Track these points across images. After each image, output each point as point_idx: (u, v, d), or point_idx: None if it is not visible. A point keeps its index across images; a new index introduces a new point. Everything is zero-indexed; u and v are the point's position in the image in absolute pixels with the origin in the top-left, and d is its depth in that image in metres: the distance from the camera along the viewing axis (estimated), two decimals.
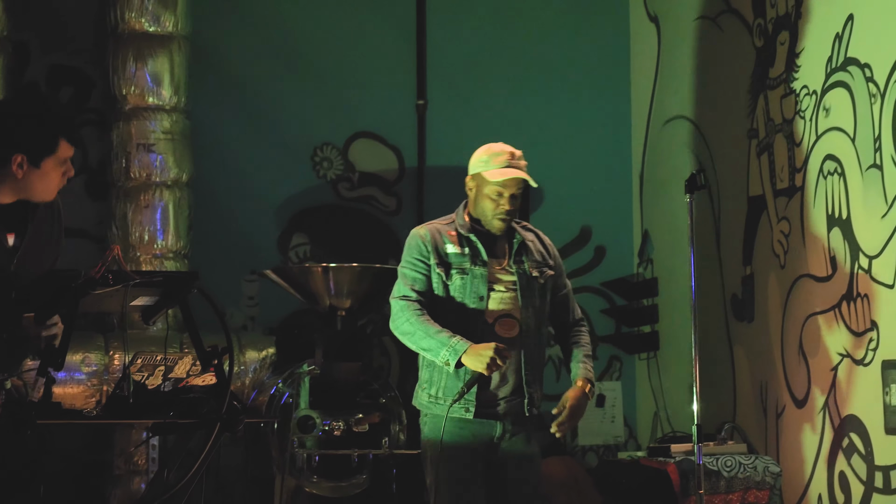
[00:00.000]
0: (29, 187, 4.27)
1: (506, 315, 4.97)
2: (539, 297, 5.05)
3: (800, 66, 6.54)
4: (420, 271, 4.99)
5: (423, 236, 5.03)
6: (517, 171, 4.99)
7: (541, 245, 5.17)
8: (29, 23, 7.45)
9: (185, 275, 4.49)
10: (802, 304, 6.48)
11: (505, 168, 4.98)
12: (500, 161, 4.99)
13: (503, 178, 4.96)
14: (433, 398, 4.99)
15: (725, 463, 6.44)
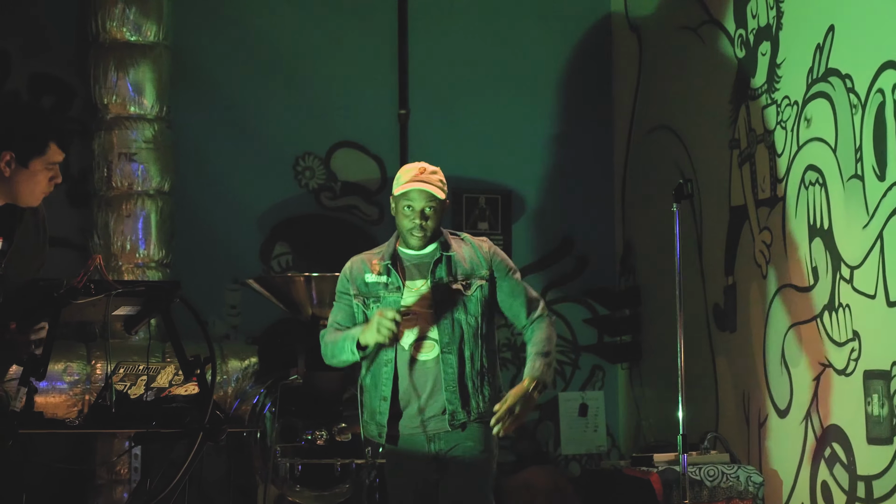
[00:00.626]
0: (15, 188, 4.30)
1: (422, 337, 4.96)
2: (466, 308, 4.99)
3: (781, 76, 6.56)
4: (343, 303, 5.09)
5: (347, 269, 5.12)
6: (420, 183, 4.96)
7: (473, 252, 5.08)
8: (10, 31, 7.42)
9: (168, 284, 4.48)
10: (784, 314, 6.49)
11: (410, 182, 4.97)
12: (408, 176, 4.99)
13: (403, 191, 4.97)
14: (365, 423, 5.05)
15: (708, 472, 6.44)
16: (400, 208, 5.00)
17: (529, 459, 7.93)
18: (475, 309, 5.00)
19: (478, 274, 5.03)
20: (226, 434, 4.31)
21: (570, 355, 8.21)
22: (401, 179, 5.00)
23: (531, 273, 8.06)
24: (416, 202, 4.95)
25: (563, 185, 8.24)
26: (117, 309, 4.37)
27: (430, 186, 4.96)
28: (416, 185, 4.95)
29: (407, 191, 4.95)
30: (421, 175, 4.98)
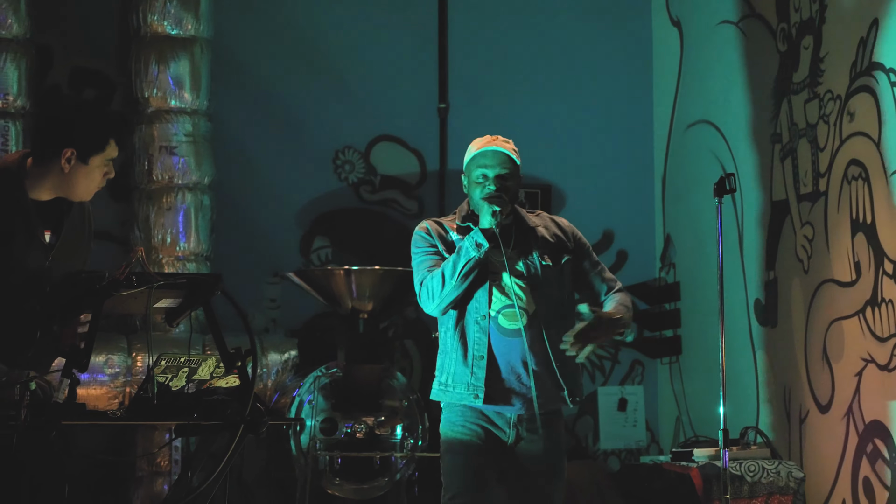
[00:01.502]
0: (72, 183, 4.37)
1: (509, 305, 4.74)
2: (553, 285, 4.80)
3: (824, 70, 6.53)
4: (432, 255, 4.84)
5: (425, 228, 4.90)
6: (495, 143, 4.80)
7: (556, 228, 4.94)
8: (51, 26, 7.47)
9: (209, 277, 4.49)
10: (826, 309, 6.46)
11: (483, 144, 4.81)
12: (482, 143, 4.81)
13: (476, 152, 4.78)
14: (442, 385, 4.82)
15: (749, 468, 6.43)
16: (474, 177, 4.78)
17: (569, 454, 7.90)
18: (564, 285, 4.85)
19: (565, 250, 4.88)
20: (266, 427, 4.32)
21: (610, 350, 8.20)
22: (472, 150, 4.83)
23: None
24: (492, 167, 4.75)
25: (604, 179, 8.23)
26: (159, 301, 4.39)
27: (506, 147, 4.80)
28: (491, 145, 4.79)
29: (481, 151, 4.78)
30: (494, 141, 4.81)
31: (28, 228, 4.34)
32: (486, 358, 4.72)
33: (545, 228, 4.91)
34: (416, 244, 4.88)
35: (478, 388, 4.72)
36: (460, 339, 4.77)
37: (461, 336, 4.77)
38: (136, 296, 4.22)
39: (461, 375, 4.75)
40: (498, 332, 4.74)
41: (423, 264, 4.83)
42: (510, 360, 4.74)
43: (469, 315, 4.76)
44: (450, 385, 4.78)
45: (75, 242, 4.50)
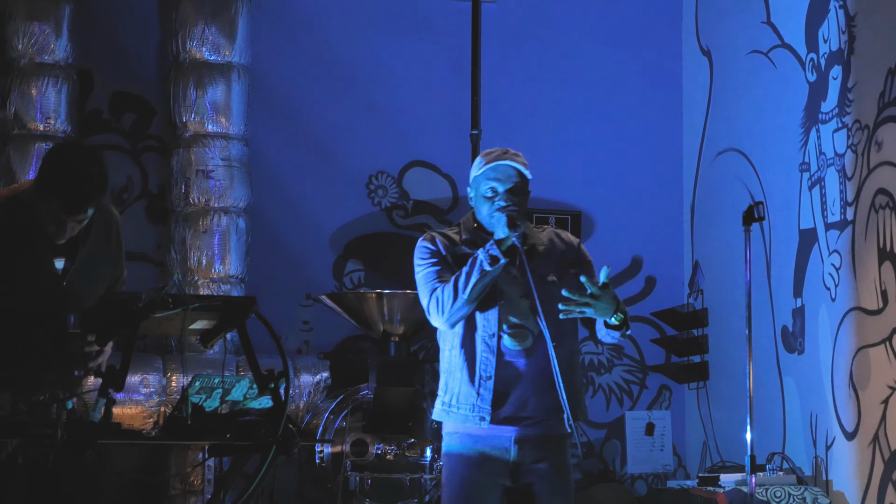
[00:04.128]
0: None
1: (517, 325, 4.59)
2: (559, 302, 4.53)
3: (852, 100, 6.55)
4: (440, 264, 4.66)
5: (431, 239, 4.73)
6: (506, 158, 4.64)
7: (561, 243, 4.77)
8: (93, 51, 7.58)
9: (244, 299, 4.56)
10: (853, 337, 6.47)
11: (494, 159, 4.63)
12: (491, 157, 4.64)
13: (488, 166, 4.60)
14: (446, 406, 4.66)
15: (775, 493, 6.43)
16: (482, 191, 4.63)
17: (596, 478, 7.93)
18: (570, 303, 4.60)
19: (571, 266, 4.70)
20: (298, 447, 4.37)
21: (638, 374, 8.23)
22: (481, 163, 4.66)
23: None
24: (501, 182, 4.60)
25: (633, 205, 8.26)
26: (194, 323, 4.45)
27: (517, 160, 4.65)
28: (502, 160, 4.63)
29: (492, 166, 4.61)
30: (505, 156, 4.65)
31: (36, 255, 4.34)
32: (494, 379, 4.57)
33: (551, 244, 4.75)
34: (422, 255, 4.70)
35: (484, 410, 4.56)
36: (466, 359, 4.61)
37: (467, 355, 4.62)
38: (172, 317, 4.28)
39: (466, 396, 4.60)
40: (506, 353, 4.58)
41: (429, 276, 4.65)
42: (517, 381, 4.58)
43: (477, 333, 4.60)
44: (454, 406, 4.63)
45: (98, 262, 4.49)
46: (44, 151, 7.07)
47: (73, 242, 4.41)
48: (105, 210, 4.52)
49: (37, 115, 7.18)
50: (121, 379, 4.21)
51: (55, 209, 4.25)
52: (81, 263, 4.44)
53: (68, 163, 4.26)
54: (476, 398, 4.58)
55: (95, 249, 4.49)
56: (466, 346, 4.63)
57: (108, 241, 4.57)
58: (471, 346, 4.62)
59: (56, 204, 4.24)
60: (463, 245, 4.69)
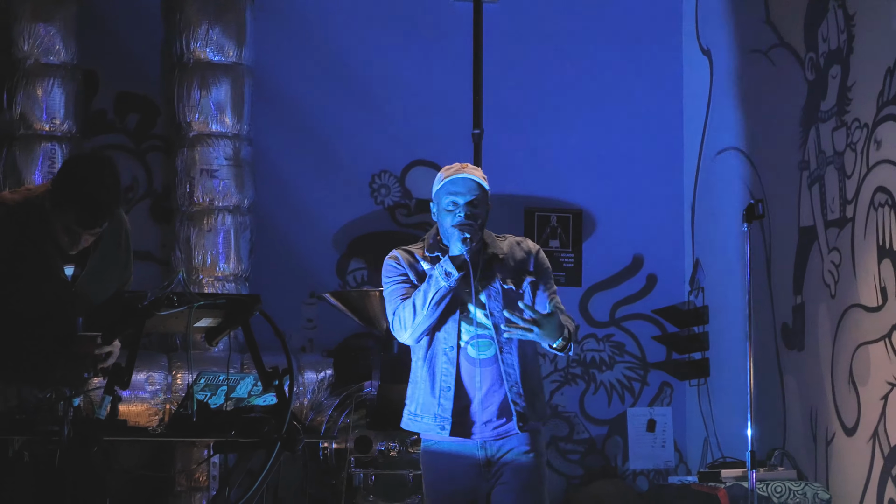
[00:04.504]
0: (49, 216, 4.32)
1: (479, 336, 4.72)
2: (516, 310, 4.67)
3: (851, 99, 6.56)
4: (403, 284, 4.80)
5: (395, 258, 4.87)
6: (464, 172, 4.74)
7: (520, 250, 4.86)
8: (98, 52, 7.60)
9: (248, 297, 4.59)
10: (853, 334, 6.48)
11: (452, 173, 4.74)
12: (450, 172, 4.75)
13: (447, 180, 4.71)
14: (412, 415, 4.81)
15: (775, 489, 6.45)
16: (444, 205, 4.72)
17: (598, 473, 7.95)
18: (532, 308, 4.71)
19: (526, 271, 4.83)
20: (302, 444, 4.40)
21: (639, 371, 8.26)
22: (442, 178, 4.76)
23: (602, 290, 8.12)
24: (461, 195, 4.69)
25: (634, 204, 8.28)
26: (199, 321, 4.47)
27: (476, 174, 4.74)
28: (461, 173, 4.72)
29: (451, 179, 4.71)
30: (464, 168, 4.76)
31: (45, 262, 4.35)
32: (454, 388, 4.70)
33: (510, 252, 4.84)
34: (387, 274, 4.86)
35: (444, 420, 4.70)
36: (429, 370, 4.76)
37: (430, 366, 4.76)
38: (177, 315, 4.31)
39: (428, 406, 4.74)
40: (466, 363, 4.72)
41: (394, 293, 4.81)
42: (477, 390, 4.71)
43: (437, 345, 4.74)
44: (418, 415, 4.78)
45: (108, 267, 4.50)
46: (49, 151, 7.14)
47: (84, 249, 4.42)
48: (115, 216, 4.51)
49: (42, 115, 7.20)
50: (126, 376, 4.24)
51: (70, 222, 4.27)
52: (91, 270, 4.45)
53: (86, 178, 4.25)
54: (437, 408, 4.72)
55: (105, 256, 4.51)
56: (429, 358, 4.77)
57: (118, 246, 4.58)
58: (433, 357, 4.76)
59: (71, 218, 4.26)
60: (424, 261, 4.80)
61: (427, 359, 4.78)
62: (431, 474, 4.80)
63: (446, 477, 4.76)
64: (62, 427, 4.05)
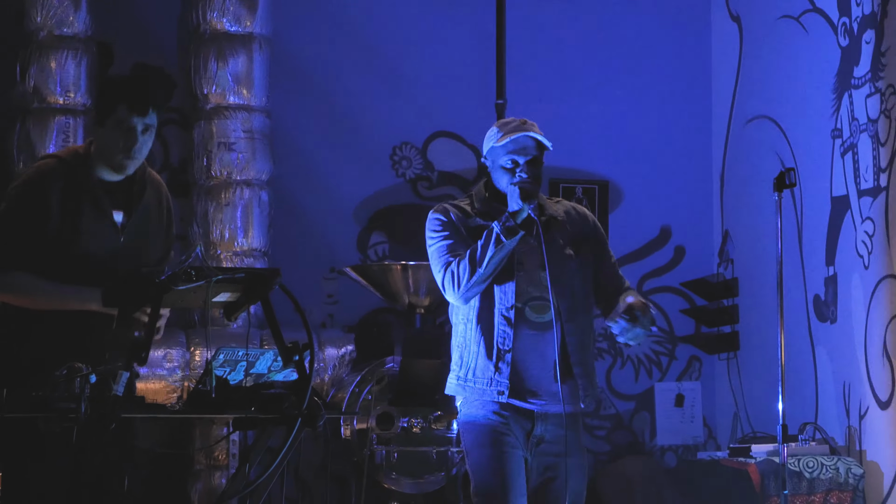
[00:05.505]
0: (99, 148, 4.47)
1: (537, 297, 4.56)
2: (576, 277, 4.61)
3: (885, 64, 6.49)
4: (453, 237, 4.61)
5: (444, 210, 4.68)
6: (526, 131, 4.58)
7: (577, 216, 4.74)
8: (112, 24, 7.54)
9: (267, 272, 4.50)
10: (887, 305, 6.42)
11: (513, 131, 4.57)
12: (510, 128, 4.58)
13: (510, 138, 4.54)
14: (462, 381, 4.62)
15: (807, 464, 6.39)
16: (501, 163, 4.59)
17: (625, 450, 7.92)
18: (586, 277, 4.68)
19: (587, 241, 4.70)
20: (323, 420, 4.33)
21: (667, 346, 8.19)
22: (500, 134, 4.60)
23: (629, 263, 8.04)
24: (522, 153, 4.57)
25: (661, 174, 8.21)
26: (217, 296, 4.41)
27: (537, 131, 4.61)
28: (523, 132, 4.58)
29: (513, 138, 4.56)
30: (524, 126, 4.60)
31: (95, 206, 4.44)
32: (513, 352, 4.55)
33: (567, 217, 4.72)
34: (434, 228, 4.66)
35: (502, 385, 4.53)
36: (483, 332, 4.58)
37: (484, 329, 4.58)
38: (195, 290, 4.24)
39: (483, 370, 4.56)
40: (524, 326, 4.55)
41: (443, 249, 4.61)
42: (536, 356, 4.56)
43: (494, 307, 4.56)
44: (470, 380, 4.60)
45: (149, 224, 4.59)
46: (63, 125, 7.07)
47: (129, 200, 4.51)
48: (157, 182, 4.68)
49: (56, 88, 7.15)
50: (144, 353, 4.17)
51: (122, 115, 4.38)
52: (137, 219, 4.52)
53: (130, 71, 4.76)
54: (494, 372, 4.55)
55: (146, 210, 4.57)
56: (483, 320, 4.59)
57: (161, 212, 4.65)
58: (488, 319, 4.58)
59: (122, 109, 4.38)
60: (476, 217, 4.64)
61: (480, 321, 4.59)
62: (481, 437, 4.57)
63: (494, 440, 4.55)
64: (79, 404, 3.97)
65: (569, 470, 4.55)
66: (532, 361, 4.56)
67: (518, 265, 4.57)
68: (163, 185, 4.72)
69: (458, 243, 4.59)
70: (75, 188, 4.43)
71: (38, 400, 4.05)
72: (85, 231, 4.41)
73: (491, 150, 4.63)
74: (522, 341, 4.56)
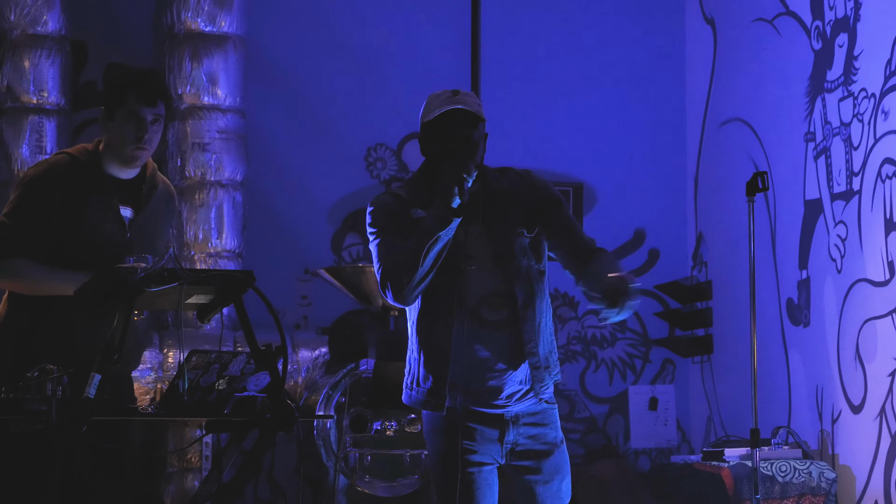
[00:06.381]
0: (109, 142, 4.52)
1: (492, 294, 4.11)
2: (532, 253, 4.16)
3: (858, 69, 6.50)
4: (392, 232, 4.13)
5: (381, 204, 4.20)
6: (457, 103, 4.07)
7: (525, 186, 4.22)
8: (86, 22, 7.51)
9: (241, 274, 4.49)
10: (859, 309, 6.44)
11: (443, 104, 4.09)
12: (441, 100, 4.10)
13: (442, 109, 4.08)
14: (409, 388, 4.23)
15: (780, 468, 6.40)
16: (434, 141, 4.12)
17: (599, 453, 7.92)
18: (540, 253, 4.20)
19: (541, 212, 4.18)
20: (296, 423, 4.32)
21: (641, 348, 8.19)
22: (431, 105, 4.13)
23: None
24: (458, 126, 4.06)
25: (635, 177, 8.21)
26: (190, 297, 4.40)
27: (470, 101, 4.09)
28: (454, 103, 4.08)
29: (445, 111, 4.07)
30: (455, 97, 4.09)
31: (103, 201, 4.48)
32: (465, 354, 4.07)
33: (515, 189, 4.21)
34: (370, 223, 4.21)
35: (455, 388, 4.11)
36: (428, 337, 4.16)
37: (430, 333, 4.15)
38: (168, 292, 4.23)
39: (426, 379, 4.16)
40: (477, 326, 4.10)
41: (378, 248, 4.16)
42: (490, 353, 4.12)
43: (443, 307, 4.10)
44: (415, 389, 4.20)
45: (157, 220, 4.65)
46: (37, 124, 7.04)
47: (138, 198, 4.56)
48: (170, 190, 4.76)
49: (30, 87, 7.10)
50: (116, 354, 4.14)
51: (133, 105, 4.43)
52: (145, 218, 4.57)
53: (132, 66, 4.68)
54: (436, 381, 4.14)
55: (156, 207, 4.63)
56: (429, 323, 4.16)
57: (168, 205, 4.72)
58: (434, 321, 4.14)
59: (133, 100, 4.44)
60: (416, 207, 4.14)
61: (425, 321, 4.16)
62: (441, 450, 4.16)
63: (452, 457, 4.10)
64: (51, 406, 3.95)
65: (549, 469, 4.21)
66: (487, 361, 4.13)
67: (466, 259, 4.08)
68: (174, 196, 4.79)
69: (396, 238, 4.12)
70: (85, 183, 4.48)
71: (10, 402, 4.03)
72: (92, 224, 4.46)
73: (424, 126, 4.17)
74: (479, 341, 4.12)
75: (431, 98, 4.18)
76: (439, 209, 3.99)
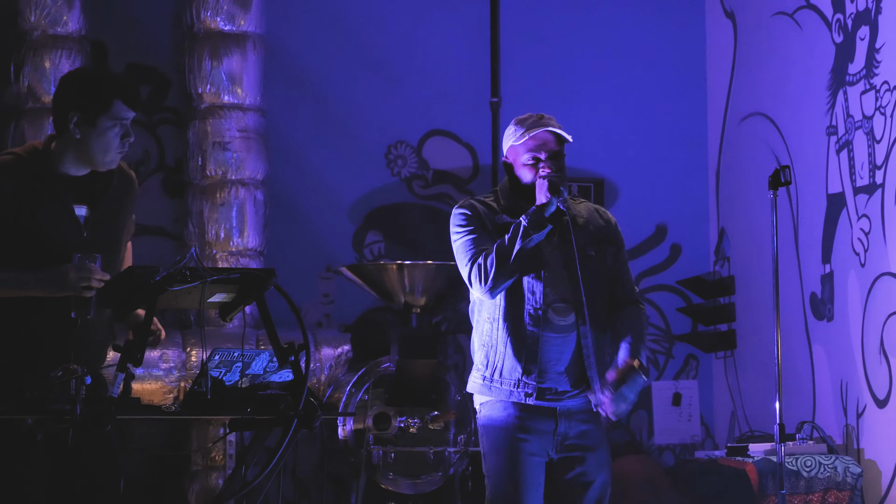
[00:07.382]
0: (87, 148, 4.35)
1: (562, 299, 4.61)
2: (597, 278, 4.65)
3: (880, 61, 6.47)
4: (479, 232, 4.65)
5: (470, 206, 4.72)
6: (546, 126, 4.65)
7: (599, 218, 4.79)
8: (106, 23, 7.51)
9: (262, 272, 4.49)
10: (884, 303, 6.41)
11: (533, 127, 4.64)
12: (528, 124, 4.65)
13: (531, 134, 4.61)
14: (487, 381, 4.65)
15: (805, 463, 6.37)
16: (523, 160, 4.64)
17: (622, 449, 7.90)
18: (606, 279, 4.71)
19: (608, 241, 4.75)
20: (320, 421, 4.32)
21: (664, 344, 8.16)
22: (519, 128, 4.67)
23: None
24: (544, 149, 4.63)
25: (657, 172, 8.18)
26: (212, 296, 4.40)
27: (554, 125, 4.67)
28: (541, 128, 4.65)
29: (533, 135, 4.63)
30: (541, 121, 4.67)
31: (56, 201, 4.35)
32: (540, 352, 4.58)
33: (590, 217, 4.77)
34: (460, 223, 4.69)
35: (530, 387, 4.58)
36: (511, 333, 4.61)
37: (513, 329, 4.61)
38: (190, 291, 4.23)
39: (511, 370, 4.60)
40: (547, 329, 4.60)
41: (469, 243, 4.64)
42: (560, 356, 4.60)
43: (523, 307, 4.60)
44: (496, 380, 4.63)
45: (117, 212, 4.49)
46: None
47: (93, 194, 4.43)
48: (129, 176, 4.58)
49: (50, 88, 7.09)
50: (139, 354, 4.16)
51: (118, 111, 4.34)
52: (101, 213, 4.43)
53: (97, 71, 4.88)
54: (522, 374, 4.59)
55: (113, 203, 4.48)
56: (510, 319, 4.63)
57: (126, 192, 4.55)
58: (516, 319, 4.62)
59: (119, 105, 4.34)
60: (503, 213, 4.68)
61: (505, 320, 4.63)
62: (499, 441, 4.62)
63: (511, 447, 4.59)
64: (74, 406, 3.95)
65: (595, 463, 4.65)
66: (553, 364, 4.61)
67: (544, 264, 4.61)
68: (134, 180, 4.62)
69: (484, 238, 4.63)
70: (32, 183, 4.34)
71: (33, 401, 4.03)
72: (45, 226, 4.32)
73: (511, 148, 4.70)
74: (549, 342, 4.60)
75: (518, 122, 4.70)
76: (536, 214, 4.53)
